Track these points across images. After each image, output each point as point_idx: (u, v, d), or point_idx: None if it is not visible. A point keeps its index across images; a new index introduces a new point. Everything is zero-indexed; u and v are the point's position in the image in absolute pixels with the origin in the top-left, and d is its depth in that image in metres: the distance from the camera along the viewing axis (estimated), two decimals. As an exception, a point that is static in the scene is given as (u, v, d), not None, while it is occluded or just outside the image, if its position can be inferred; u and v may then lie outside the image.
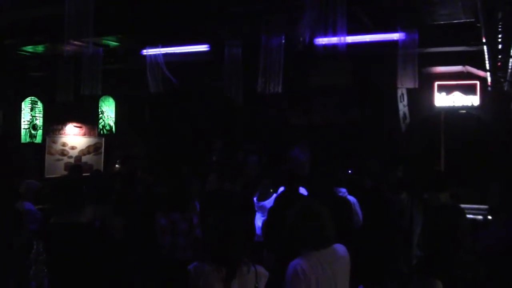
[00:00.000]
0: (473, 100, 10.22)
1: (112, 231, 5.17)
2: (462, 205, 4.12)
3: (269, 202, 6.31)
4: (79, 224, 3.68)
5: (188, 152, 11.86)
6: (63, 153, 11.67)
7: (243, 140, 11.50)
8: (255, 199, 6.58)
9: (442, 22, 7.46)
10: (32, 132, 11.11)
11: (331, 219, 3.36)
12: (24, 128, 10.97)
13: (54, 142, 11.57)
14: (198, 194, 6.35)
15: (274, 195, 6.43)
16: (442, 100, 10.48)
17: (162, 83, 9.02)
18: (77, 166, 9.39)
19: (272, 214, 5.64)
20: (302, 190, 6.30)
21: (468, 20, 7.14)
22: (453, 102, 10.41)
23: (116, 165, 10.02)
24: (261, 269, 3.17)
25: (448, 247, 2.98)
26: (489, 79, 8.28)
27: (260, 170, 8.86)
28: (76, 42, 6.64)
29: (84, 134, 12.29)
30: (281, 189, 6.40)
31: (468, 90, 10.27)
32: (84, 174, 8.84)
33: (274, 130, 11.95)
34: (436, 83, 10.50)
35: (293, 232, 3.27)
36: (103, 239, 3.80)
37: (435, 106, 10.55)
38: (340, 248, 3.45)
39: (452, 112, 10.63)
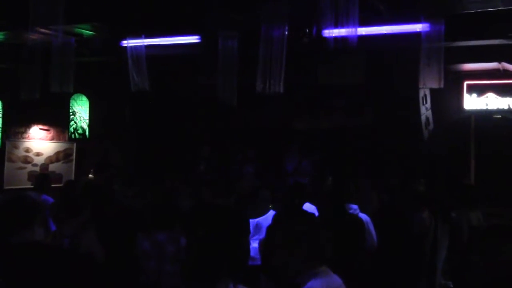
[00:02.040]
0: (510, 102, 10.24)
1: (85, 251, 5.17)
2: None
3: (265, 219, 6.29)
4: (42, 245, 3.66)
5: (174, 160, 11.85)
6: (26, 160, 11.64)
7: (238, 147, 11.52)
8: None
9: (474, 11, 7.44)
10: (-11, 135, 11.14)
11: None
12: (-20, 131, 11.00)
13: (16, 147, 11.55)
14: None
15: (272, 212, 6.40)
16: (472, 102, 10.50)
17: (145, 80, 9.01)
18: (43, 175, 9.35)
19: (270, 233, 5.62)
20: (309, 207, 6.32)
21: (506, 7, 7.12)
22: (486, 104, 10.43)
23: (90, 175, 10.01)
24: None
25: (485, 279, 2.94)
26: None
27: (257, 182, 8.86)
28: (43, 30, 6.65)
29: (52, 138, 12.28)
30: (271, 212, 6.41)
31: (504, 90, 10.29)
32: (52, 185, 8.81)
33: (274, 136, 11.96)
34: (466, 83, 10.52)
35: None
36: (71, 261, 3.79)
37: (464, 109, 10.56)
38: None
39: (484, 117, 10.64)
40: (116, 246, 5.57)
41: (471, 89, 10.53)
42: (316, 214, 6.26)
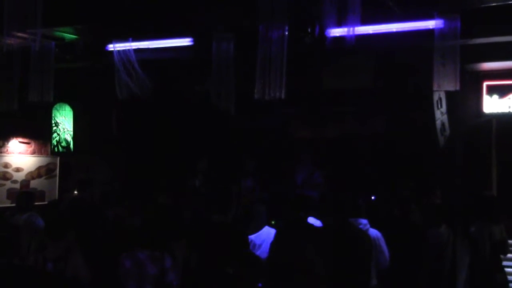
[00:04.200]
0: (536, 104, 10.26)
1: (71, 275, 5.20)
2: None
3: (257, 236, 6.27)
4: (24, 267, 3.70)
5: (166, 175, 11.84)
6: (5, 176, 11.62)
7: (236, 159, 11.50)
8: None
9: (493, 4, 7.42)
10: (-36, 150, 11.16)
11: None
12: (-48, 145, 11.02)
13: (-6, 162, 11.58)
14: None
15: (267, 228, 6.37)
16: (493, 105, 10.47)
17: (134, 88, 9.01)
18: (26, 193, 9.30)
19: (275, 251, 5.63)
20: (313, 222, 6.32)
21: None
22: (509, 107, 10.40)
23: (75, 192, 10.01)
24: None
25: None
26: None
27: (257, 196, 8.86)
28: (20, 34, 6.64)
29: (33, 152, 12.28)
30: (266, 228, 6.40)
31: (529, 91, 10.30)
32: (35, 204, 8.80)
33: (275, 146, 11.95)
34: (485, 84, 10.49)
35: None
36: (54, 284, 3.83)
37: (483, 113, 10.53)
38: None
39: (507, 121, 10.61)
40: (103, 268, 5.60)
41: (492, 90, 10.50)
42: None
